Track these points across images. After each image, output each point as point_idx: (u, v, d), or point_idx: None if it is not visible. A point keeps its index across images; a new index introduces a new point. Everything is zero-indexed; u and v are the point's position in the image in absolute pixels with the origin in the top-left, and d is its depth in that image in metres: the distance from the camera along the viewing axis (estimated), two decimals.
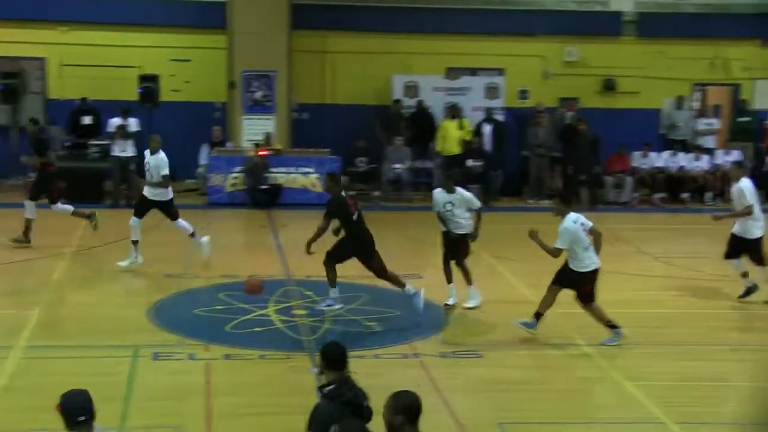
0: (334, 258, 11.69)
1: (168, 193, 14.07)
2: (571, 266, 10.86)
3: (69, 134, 20.42)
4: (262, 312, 11.93)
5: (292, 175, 19.69)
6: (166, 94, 20.73)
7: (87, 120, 20.40)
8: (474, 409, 9.22)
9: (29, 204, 15.14)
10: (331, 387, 6.27)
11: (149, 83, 20.41)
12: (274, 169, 19.59)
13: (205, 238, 14.26)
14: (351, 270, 12.11)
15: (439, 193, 12.19)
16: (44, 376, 9.34)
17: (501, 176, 20.79)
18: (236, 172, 19.67)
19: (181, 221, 14.21)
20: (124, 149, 19.41)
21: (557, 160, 20.97)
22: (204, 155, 20.55)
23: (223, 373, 9.93)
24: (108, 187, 19.36)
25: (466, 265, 12.29)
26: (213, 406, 9.00)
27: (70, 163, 19.43)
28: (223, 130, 20.95)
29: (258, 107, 20.74)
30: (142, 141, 19.95)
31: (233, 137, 20.76)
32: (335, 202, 11.56)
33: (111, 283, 13.48)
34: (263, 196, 19.37)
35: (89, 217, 15.29)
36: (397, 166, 20.51)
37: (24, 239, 15.05)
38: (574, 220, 10.82)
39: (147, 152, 14.26)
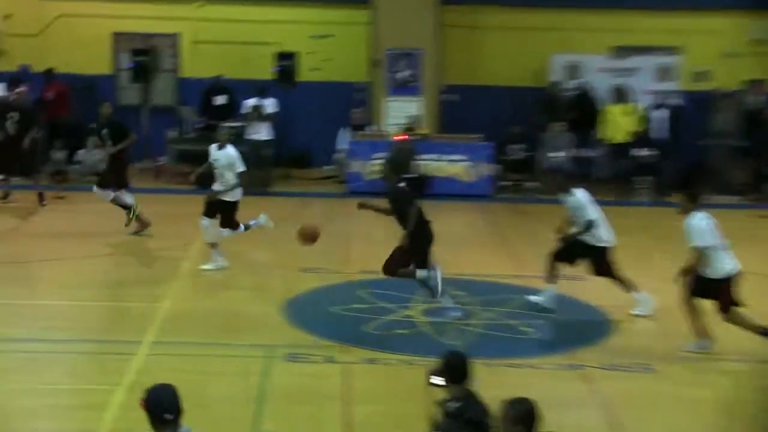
0: (420, 261, 11.59)
1: (239, 193, 13.62)
2: (703, 274, 10.43)
3: (200, 115, 20.81)
4: (406, 312, 11.90)
5: (440, 162, 19.61)
6: (304, 73, 20.91)
7: (220, 100, 20.75)
8: (644, 428, 8.93)
9: (122, 192, 15.45)
10: (456, 405, 6.22)
11: (287, 61, 20.64)
12: (420, 156, 19.55)
13: (261, 217, 13.97)
14: (502, 269, 11.93)
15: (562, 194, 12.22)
16: (172, 373, 9.41)
17: (674, 167, 20.23)
18: (378, 159, 19.67)
19: (226, 232, 13.63)
20: (259, 132, 19.67)
21: (741, 150, 20.27)
22: (343, 140, 20.65)
23: (362, 378, 9.91)
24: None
25: (619, 276, 11.95)
26: (351, 414, 8.98)
27: (200, 146, 19.61)
28: (365, 112, 20.99)
29: (403, 88, 20.74)
30: (279, 123, 20.24)
31: (376, 120, 20.79)
32: (397, 191, 11.59)
33: (243, 277, 13.64)
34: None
35: (129, 208, 15.37)
36: (556, 154, 20.20)
37: (142, 227, 15.37)
38: (703, 218, 10.42)
39: (213, 147, 13.73)
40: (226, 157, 13.54)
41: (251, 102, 20.04)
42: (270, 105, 20.10)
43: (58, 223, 16.20)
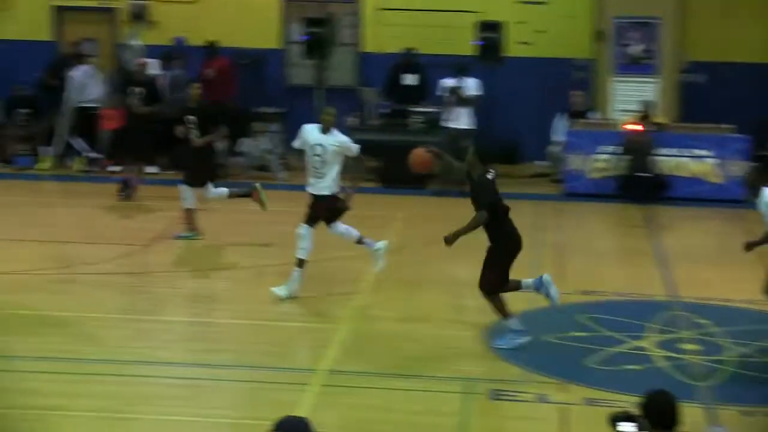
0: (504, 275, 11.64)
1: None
2: None
3: (386, 98, 21.04)
4: (637, 344, 11.79)
5: (682, 158, 19.33)
6: (512, 48, 20.94)
7: (410, 80, 20.96)
8: None
9: (215, 190, 15.75)
10: None
11: (490, 33, 20.67)
12: (657, 151, 19.32)
13: (380, 244, 13.64)
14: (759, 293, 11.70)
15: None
16: (352, 409, 9.63)
17: None
18: (604, 153, 19.53)
19: (340, 225, 13.48)
20: (458, 119, 19.76)
21: None
22: (560, 129, 20.59)
23: (582, 422, 9.85)
24: None
25: None
26: None
27: (386, 136, 20.03)
28: (587, 96, 20.89)
29: (635, 66, 20.65)
30: (481, 109, 20.29)
31: (600, 106, 20.69)
32: (482, 185, 11.47)
33: (436, 293, 13.75)
34: (642, 187, 19.10)
35: (191, 222, 15.78)
36: None
37: (260, 203, 15.66)
38: None
39: (311, 129, 13.22)
40: (336, 142, 13.15)
41: (448, 83, 20.15)
42: (471, 86, 20.18)
43: (212, 227, 16.51)
